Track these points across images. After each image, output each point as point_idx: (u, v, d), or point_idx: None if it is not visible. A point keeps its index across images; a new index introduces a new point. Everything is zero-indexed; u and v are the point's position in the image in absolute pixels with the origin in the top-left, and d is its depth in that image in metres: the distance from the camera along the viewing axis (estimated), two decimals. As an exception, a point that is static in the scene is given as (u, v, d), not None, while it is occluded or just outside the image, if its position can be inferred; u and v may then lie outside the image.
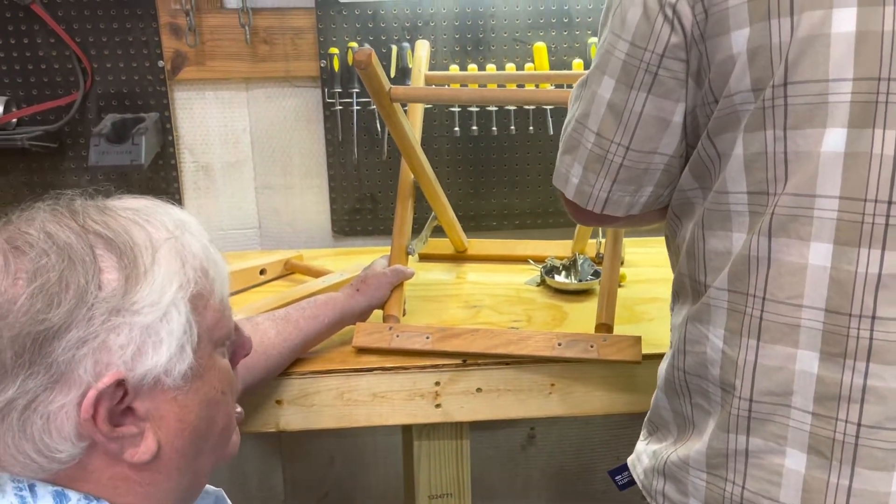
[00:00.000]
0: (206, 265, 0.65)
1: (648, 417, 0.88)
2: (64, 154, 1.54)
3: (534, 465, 1.82)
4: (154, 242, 0.62)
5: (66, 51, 1.48)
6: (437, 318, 1.24)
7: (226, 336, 0.67)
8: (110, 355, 0.58)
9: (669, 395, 0.82)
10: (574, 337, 1.09)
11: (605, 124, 0.78)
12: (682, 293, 0.82)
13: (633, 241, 1.52)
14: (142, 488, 0.62)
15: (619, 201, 0.82)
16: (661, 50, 0.74)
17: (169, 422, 0.62)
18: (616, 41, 0.77)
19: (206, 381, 0.64)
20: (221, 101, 1.57)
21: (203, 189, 1.61)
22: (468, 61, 1.54)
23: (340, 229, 1.64)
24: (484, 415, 1.12)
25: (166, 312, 0.60)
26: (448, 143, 1.59)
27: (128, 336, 0.58)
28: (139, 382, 0.59)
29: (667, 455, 0.80)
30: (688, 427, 0.79)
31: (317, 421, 1.11)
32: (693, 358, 0.77)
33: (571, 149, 0.83)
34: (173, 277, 0.61)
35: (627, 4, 0.76)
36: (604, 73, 0.78)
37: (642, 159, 0.79)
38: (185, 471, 0.65)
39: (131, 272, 0.59)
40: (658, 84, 0.75)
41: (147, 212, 0.64)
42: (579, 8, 1.53)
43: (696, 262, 0.77)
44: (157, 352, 0.59)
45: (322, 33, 1.52)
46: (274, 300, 1.26)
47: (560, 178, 0.86)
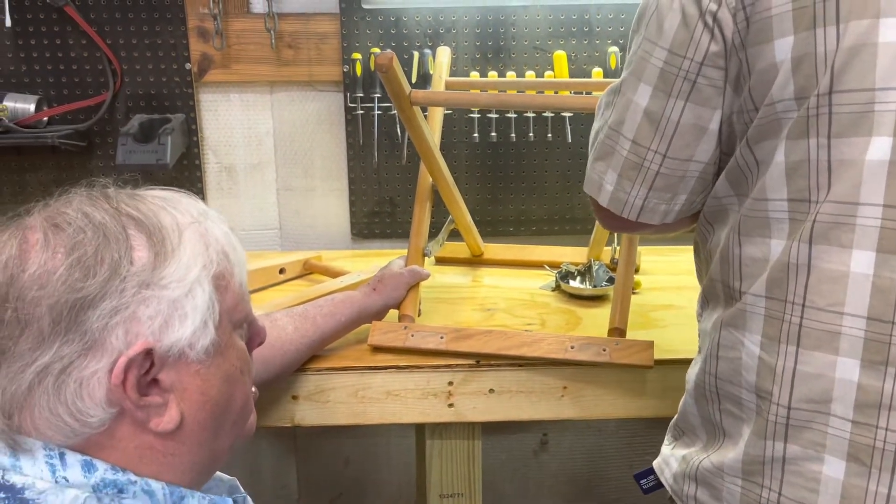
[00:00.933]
0: (227, 249, 0.69)
1: (675, 422, 0.88)
2: (92, 153, 1.58)
3: (546, 471, 1.83)
4: (180, 225, 0.66)
5: (96, 52, 1.52)
6: (451, 319, 1.25)
7: (243, 318, 0.71)
8: (140, 326, 0.61)
9: (699, 400, 0.81)
10: (587, 340, 1.10)
11: (642, 132, 0.79)
12: (712, 299, 0.81)
13: (649, 249, 1.53)
14: (164, 458, 0.65)
15: (655, 209, 0.82)
16: (700, 58, 0.74)
17: (192, 394, 0.65)
18: (652, 48, 0.77)
19: (227, 359, 0.68)
20: (246, 103, 1.60)
21: (226, 190, 1.65)
22: (488, 68, 1.57)
23: (359, 232, 1.66)
24: (496, 415, 1.13)
25: (191, 289, 0.64)
26: (467, 148, 1.61)
27: (156, 308, 0.62)
28: (165, 353, 0.63)
29: (698, 461, 0.80)
30: (717, 433, 0.79)
31: (331, 417, 1.12)
32: (726, 364, 0.77)
33: (605, 155, 0.83)
34: (198, 257, 0.65)
35: (665, 11, 0.76)
36: (640, 80, 0.78)
37: (679, 167, 0.79)
38: (205, 445, 0.68)
39: (160, 250, 0.63)
40: (696, 92, 0.76)
41: (173, 200, 0.69)
42: (599, 17, 1.55)
43: (730, 268, 0.77)
44: (182, 325, 0.63)
45: (345, 39, 1.55)
46: (292, 298, 1.28)
47: (593, 185, 0.85)
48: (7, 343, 0.60)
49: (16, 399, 0.61)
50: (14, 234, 0.64)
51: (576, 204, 1.65)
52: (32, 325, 0.60)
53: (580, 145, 1.61)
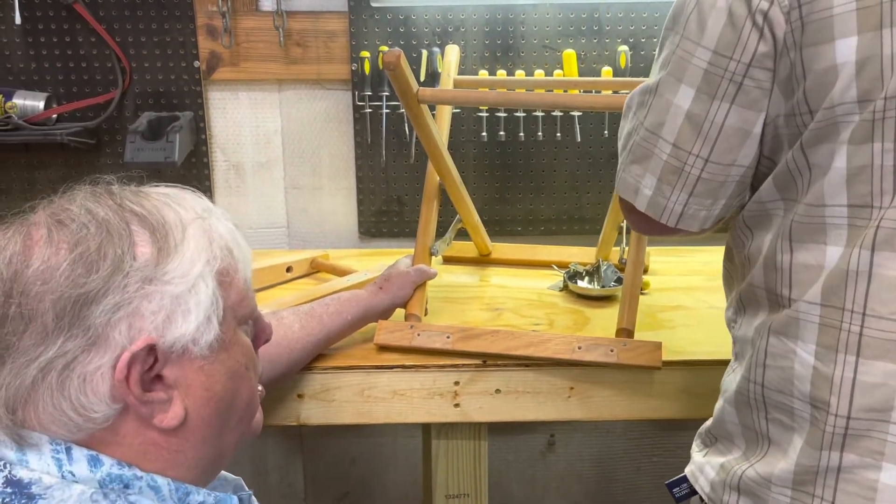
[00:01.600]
0: (232, 245, 0.69)
1: (708, 428, 0.86)
2: (101, 150, 1.58)
3: (553, 472, 1.82)
4: (184, 221, 0.66)
5: (106, 50, 1.53)
6: (458, 319, 1.25)
7: (248, 315, 0.71)
8: (143, 321, 0.61)
9: (740, 408, 0.79)
10: (594, 341, 1.09)
11: (683, 135, 0.77)
12: (751, 305, 0.80)
13: (658, 250, 1.52)
14: (169, 455, 0.65)
15: (695, 215, 0.80)
16: (747, 59, 0.72)
17: (196, 390, 0.65)
18: (694, 48, 0.75)
19: (231, 355, 0.67)
20: (254, 101, 1.60)
21: (234, 188, 1.64)
22: (497, 67, 1.56)
23: (367, 230, 1.66)
24: (502, 416, 1.12)
25: (195, 284, 0.64)
26: (475, 147, 1.60)
27: (159, 303, 0.62)
28: (169, 349, 0.63)
29: (740, 470, 0.78)
30: (761, 441, 0.77)
31: (337, 416, 1.12)
32: (776, 373, 0.75)
33: (642, 158, 0.80)
34: (201, 253, 0.65)
35: (707, 10, 0.73)
36: (680, 81, 0.76)
37: (721, 171, 0.77)
38: (210, 442, 0.67)
39: (163, 246, 0.63)
40: (742, 94, 0.74)
41: (178, 197, 0.69)
42: (609, 16, 1.54)
43: (777, 274, 0.75)
44: (185, 320, 0.63)
45: (354, 37, 1.54)
46: (299, 296, 1.28)
47: (628, 189, 0.83)
48: (11, 339, 0.60)
49: (20, 394, 0.61)
50: (18, 231, 0.64)
51: (584, 204, 1.64)
52: (36, 321, 0.60)
53: (589, 145, 1.60)
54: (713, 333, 1.19)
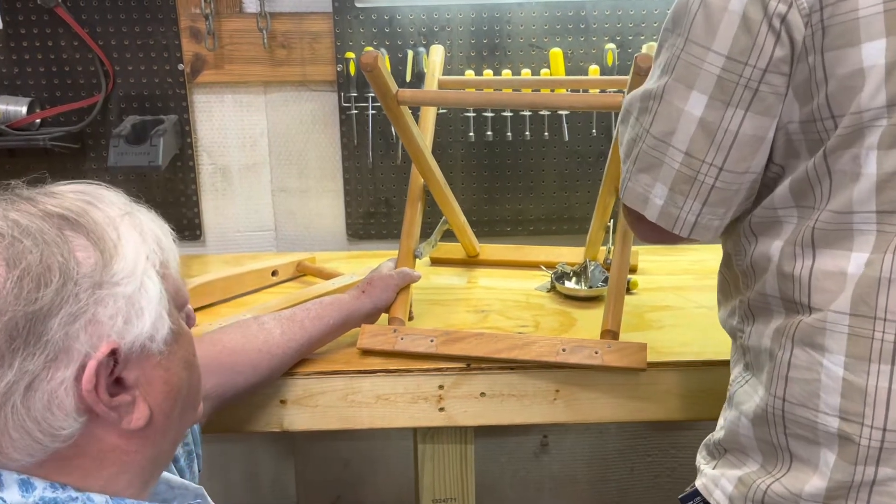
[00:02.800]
0: (160, 236, 0.68)
1: (717, 440, 0.84)
2: (85, 155, 1.57)
3: (546, 473, 1.81)
4: (113, 220, 0.64)
5: (88, 53, 1.51)
6: (444, 321, 1.24)
7: (184, 302, 0.70)
8: (102, 327, 0.60)
9: (758, 423, 0.77)
10: (579, 343, 1.08)
11: (696, 143, 0.74)
12: (762, 313, 0.78)
13: (647, 249, 1.51)
14: (126, 457, 0.64)
15: (709, 225, 0.78)
16: (763, 64, 0.71)
17: (157, 386, 0.65)
18: (704, 53, 0.72)
19: (182, 345, 0.67)
20: (239, 104, 1.59)
21: (220, 191, 1.63)
22: (484, 66, 1.55)
23: (355, 232, 1.65)
24: (488, 419, 1.11)
25: (142, 282, 0.63)
26: (463, 148, 1.59)
27: (114, 307, 0.61)
28: (129, 351, 0.62)
29: (763, 484, 0.76)
30: (780, 455, 0.76)
31: (321, 422, 1.11)
32: (800, 386, 0.73)
33: (650, 167, 0.78)
34: (140, 249, 0.64)
35: (716, 13, 0.71)
36: (690, 87, 0.74)
37: (735, 180, 0.75)
38: (167, 434, 0.67)
39: (104, 248, 0.62)
40: (758, 101, 0.72)
41: (95, 194, 0.67)
42: (596, 14, 1.52)
43: (794, 282, 0.73)
44: (140, 320, 0.62)
45: (339, 38, 1.53)
46: (283, 301, 1.27)
47: (637, 199, 0.81)
48: None
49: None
50: None
51: (573, 203, 1.62)
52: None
53: (577, 144, 1.59)
54: (701, 333, 1.19)
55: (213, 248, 1.66)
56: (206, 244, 1.65)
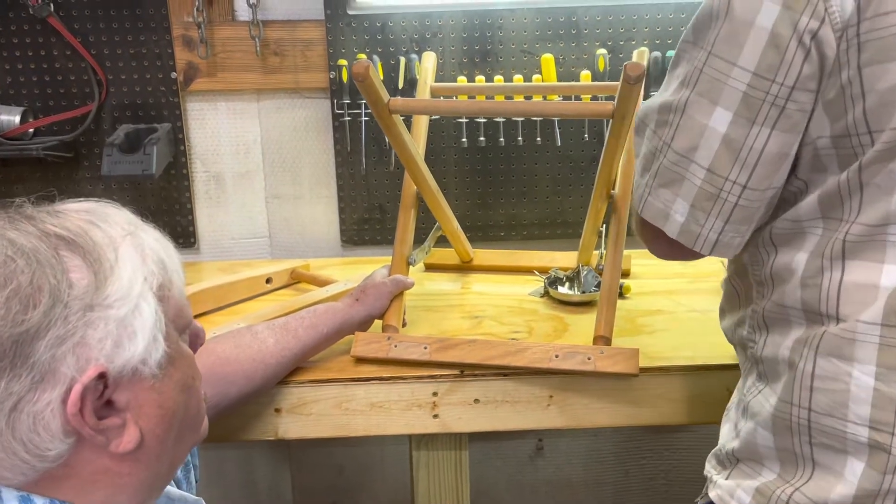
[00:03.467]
0: (164, 257, 0.67)
1: (730, 450, 0.83)
2: (79, 164, 1.57)
3: (542, 476, 1.82)
4: (114, 240, 0.64)
5: (81, 63, 1.52)
6: (438, 328, 1.24)
7: (186, 324, 0.70)
8: (90, 350, 0.60)
9: (779, 432, 0.77)
10: (571, 349, 1.09)
11: (720, 161, 0.74)
12: (778, 324, 0.78)
13: (640, 254, 1.51)
14: (120, 479, 0.64)
15: (730, 243, 0.77)
16: (791, 82, 0.70)
17: (149, 409, 0.64)
18: (729, 69, 0.72)
19: (178, 368, 0.67)
20: (233, 111, 1.59)
21: (214, 199, 1.64)
22: (476, 73, 1.55)
23: (349, 239, 1.65)
24: (481, 426, 1.12)
25: (137, 305, 0.62)
26: (455, 153, 1.60)
27: (104, 330, 0.60)
28: (119, 374, 0.61)
29: (784, 494, 0.75)
30: (801, 464, 0.75)
31: (315, 430, 1.11)
32: (826, 396, 0.73)
33: (671, 183, 0.77)
34: (137, 271, 0.63)
35: (742, 27, 0.70)
36: (715, 103, 0.73)
37: (758, 197, 0.75)
38: (163, 458, 0.67)
39: (98, 269, 0.61)
40: (784, 118, 0.71)
41: (100, 213, 0.66)
42: (587, 20, 1.53)
43: (820, 293, 0.73)
44: (132, 343, 0.62)
45: (331, 45, 1.53)
46: (277, 309, 1.27)
47: (657, 214, 0.80)
48: None
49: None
50: None
51: (567, 208, 1.63)
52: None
53: (569, 149, 1.59)
54: (692, 338, 1.19)
55: (208, 256, 1.66)
56: (201, 252, 1.66)
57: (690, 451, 1.79)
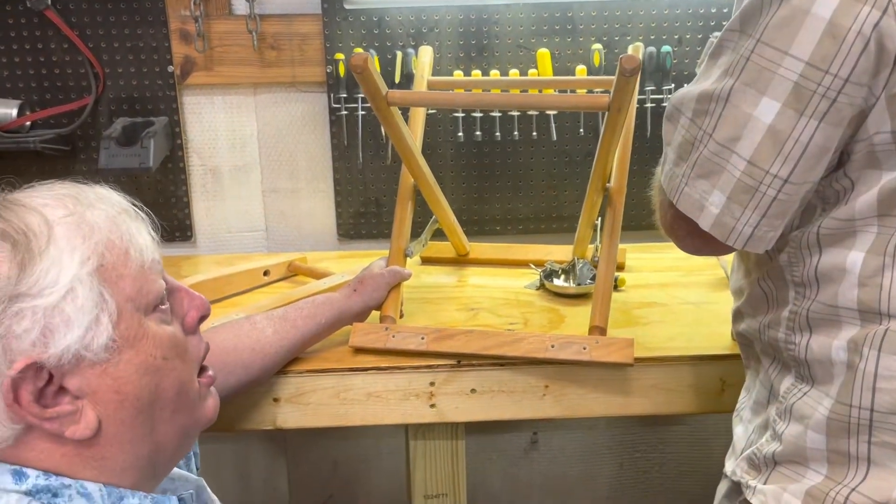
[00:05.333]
0: (113, 236, 0.65)
1: (769, 454, 0.81)
2: (76, 157, 1.57)
3: (536, 469, 1.83)
4: (50, 222, 0.62)
5: (78, 56, 1.52)
6: (435, 319, 1.25)
7: (155, 300, 0.67)
8: (18, 342, 0.59)
9: (833, 434, 0.76)
10: (567, 339, 1.10)
11: (762, 152, 0.72)
12: (824, 325, 0.77)
13: (634, 247, 1.53)
14: (96, 462, 0.64)
15: (763, 237, 0.76)
16: (846, 74, 0.68)
17: (105, 395, 0.63)
18: (780, 58, 0.69)
19: (140, 350, 0.65)
20: (229, 105, 1.60)
21: (211, 192, 1.64)
22: (472, 67, 1.56)
23: (346, 233, 1.66)
24: (478, 415, 1.13)
25: (70, 289, 0.60)
26: (452, 148, 1.60)
27: (31, 320, 0.59)
28: (58, 362, 0.60)
29: (841, 495, 0.74)
30: (853, 464, 0.74)
31: (313, 419, 1.12)
32: (891, 396, 0.72)
33: (710, 174, 0.75)
34: (74, 253, 0.62)
35: (797, 16, 0.68)
36: (762, 93, 0.71)
37: (796, 192, 0.73)
38: (139, 442, 0.66)
39: (25, 257, 0.60)
40: (834, 111, 0.69)
41: (48, 196, 0.65)
42: (583, 15, 1.54)
43: (881, 292, 0.73)
44: (68, 329, 0.60)
45: (328, 39, 1.54)
46: (275, 300, 1.28)
47: (693, 206, 0.77)
48: None
49: None
50: None
51: (562, 202, 1.64)
52: None
53: (565, 143, 1.60)
54: (687, 329, 1.20)
55: (205, 249, 1.66)
56: (198, 245, 1.66)
57: (684, 445, 1.81)
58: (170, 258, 0.71)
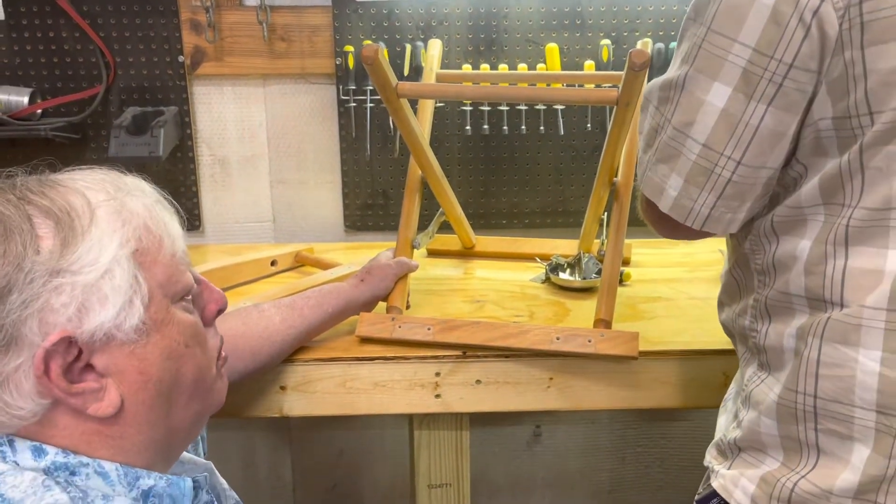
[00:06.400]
0: (149, 223, 0.67)
1: (732, 440, 0.83)
2: (86, 145, 1.58)
3: (539, 462, 1.84)
4: (92, 205, 0.64)
5: (90, 45, 1.53)
6: (441, 311, 1.26)
7: (184, 290, 0.69)
8: (55, 315, 0.60)
9: (783, 420, 0.77)
10: (572, 331, 1.10)
11: (716, 136, 0.74)
12: (780, 312, 0.78)
13: (640, 242, 1.53)
14: (114, 441, 0.65)
15: (721, 218, 0.78)
16: (790, 59, 0.70)
17: (130, 375, 0.65)
18: (729, 45, 0.72)
19: (166, 335, 0.66)
20: (239, 96, 1.61)
21: (219, 182, 1.65)
22: (481, 61, 1.57)
23: (353, 224, 1.67)
24: (483, 406, 1.14)
25: (108, 269, 0.62)
26: (459, 141, 1.61)
27: (70, 295, 0.61)
28: (90, 339, 0.62)
29: (790, 482, 0.75)
30: (805, 452, 0.75)
31: (319, 408, 1.13)
32: (832, 382, 0.72)
33: (668, 158, 0.78)
34: (113, 235, 0.63)
35: (744, 4, 0.71)
36: (713, 79, 0.73)
37: (751, 174, 0.75)
38: (156, 424, 0.67)
39: (68, 234, 0.62)
40: (781, 96, 0.71)
41: (89, 180, 0.67)
42: (592, 10, 1.54)
43: (825, 279, 0.73)
44: (103, 307, 0.62)
45: (338, 31, 1.55)
46: (282, 290, 1.29)
47: (654, 189, 0.81)
48: None
49: None
50: None
51: (568, 197, 1.65)
52: None
53: (572, 138, 1.61)
54: (692, 324, 1.21)
55: (213, 239, 1.68)
56: (206, 235, 1.67)
57: (686, 440, 1.81)
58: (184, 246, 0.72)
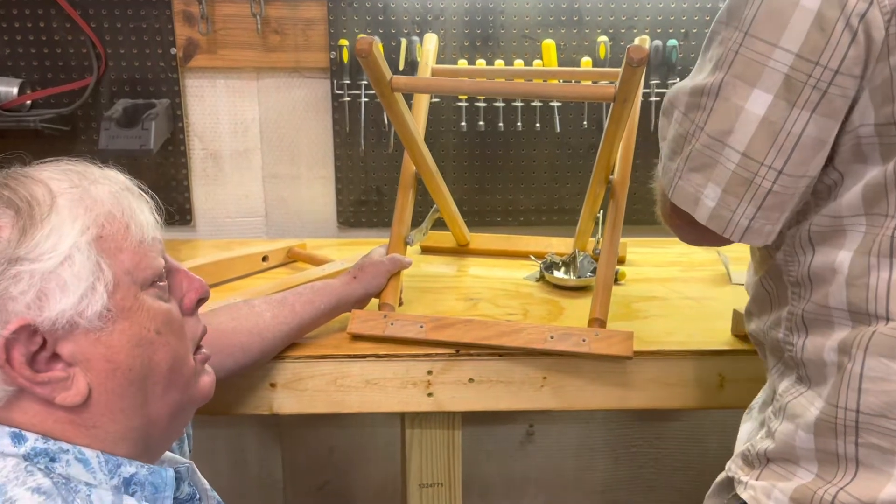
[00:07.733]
0: (114, 210, 0.66)
1: (762, 451, 0.81)
2: (76, 137, 1.56)
3: (531, 462, 1.83)
4: (53, 193, 0.64)
5: (81, 36, 1.51)
6: (434, 309, 1.24)
7: (153, 276, 0.68)
8: (14, 303, 0.61)
9: (822, 434, 0.75)
10: (566, 330, 1.09)
11: (756, 145, 0.72)
12: (819, 325, 0.77)
13: (635, 241, 1.52)
14: (88, 430, 0.65)
15: (760, 230, 0.76)
16: (835, 65, 0.68)
17: (97, 363, 0.64)
18: (770, 50, 0.70)
19: (135, 322, 0.66)
20: (232, 89, 1.59)
21: (211, 176, 1.63)
22: (477, 57, 1.55)
23: (346, 220, 1.65)
24: (475, 405, 1.12)
25: (68, 256, 0.62)
26: (454, 137, 1.60)
27: (28, 283, 0.61)
28: (52, 326, 0.62)
29: (827, 494, 0.74)
30: (842, 464, 0.74)
31: (309, 405, 1.12)
32: (878, 397, 0.71)
33: (703, 167, 0.76)
34: (75, 222, 0.63)
35: (785, 8, 0.69)
36: (753, 85, 0.71)
37: (792, 184, 0.73)
38: (131, 413, 0.66)
39: (27, 223, 0.62)
40: (825, 102, 0.70)
41: (54, 170, 0.67)
42: (589, 6, 1.53)
43: (868, 292, 0.72)
44: (64, 294, 0.62)
45: (332, 25, 1.53)
46: (274, 286, 1.27)
47: (687, 199, 0.78)
48: None
49: None
50: None
51: (564, 194, 1.64)
52: None
53: (568, 135, 1.60)
54: (686, 324, 1.20)
55: (204, 234, 1.66)
56: (197, 229, 1.65)
57: (679, 441, 1.81)
58: (169, 242, 0.71)
